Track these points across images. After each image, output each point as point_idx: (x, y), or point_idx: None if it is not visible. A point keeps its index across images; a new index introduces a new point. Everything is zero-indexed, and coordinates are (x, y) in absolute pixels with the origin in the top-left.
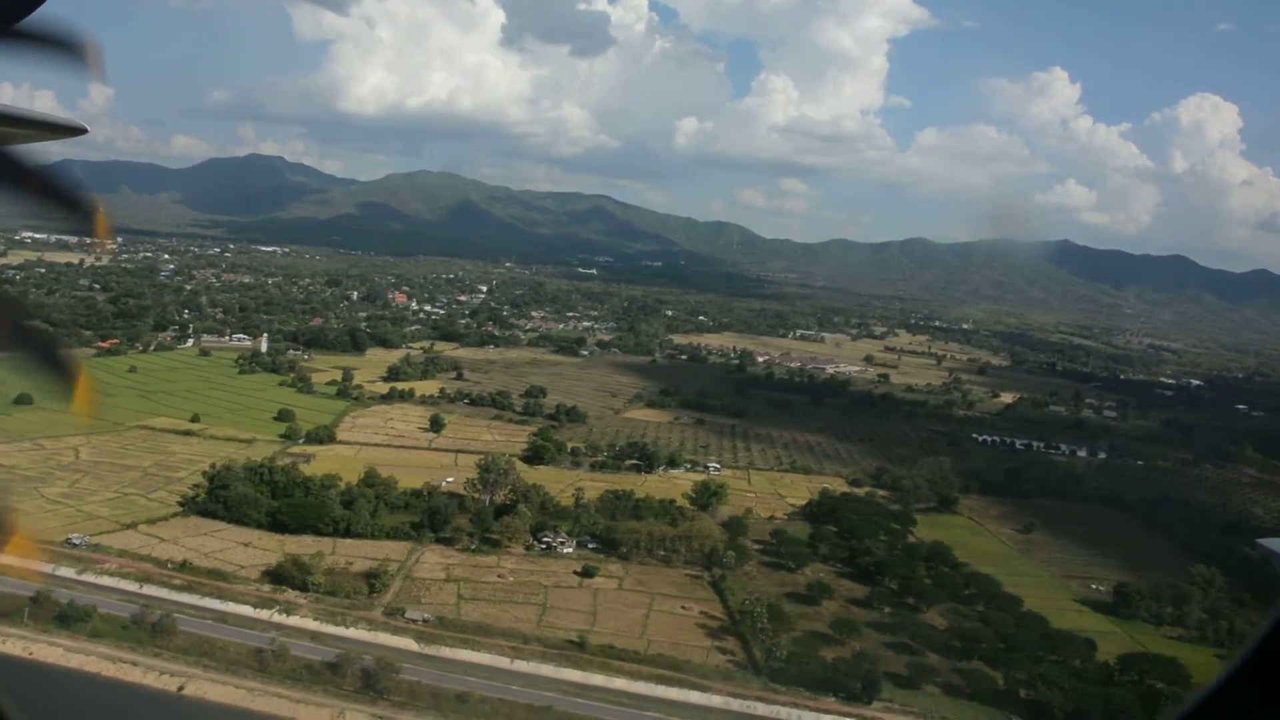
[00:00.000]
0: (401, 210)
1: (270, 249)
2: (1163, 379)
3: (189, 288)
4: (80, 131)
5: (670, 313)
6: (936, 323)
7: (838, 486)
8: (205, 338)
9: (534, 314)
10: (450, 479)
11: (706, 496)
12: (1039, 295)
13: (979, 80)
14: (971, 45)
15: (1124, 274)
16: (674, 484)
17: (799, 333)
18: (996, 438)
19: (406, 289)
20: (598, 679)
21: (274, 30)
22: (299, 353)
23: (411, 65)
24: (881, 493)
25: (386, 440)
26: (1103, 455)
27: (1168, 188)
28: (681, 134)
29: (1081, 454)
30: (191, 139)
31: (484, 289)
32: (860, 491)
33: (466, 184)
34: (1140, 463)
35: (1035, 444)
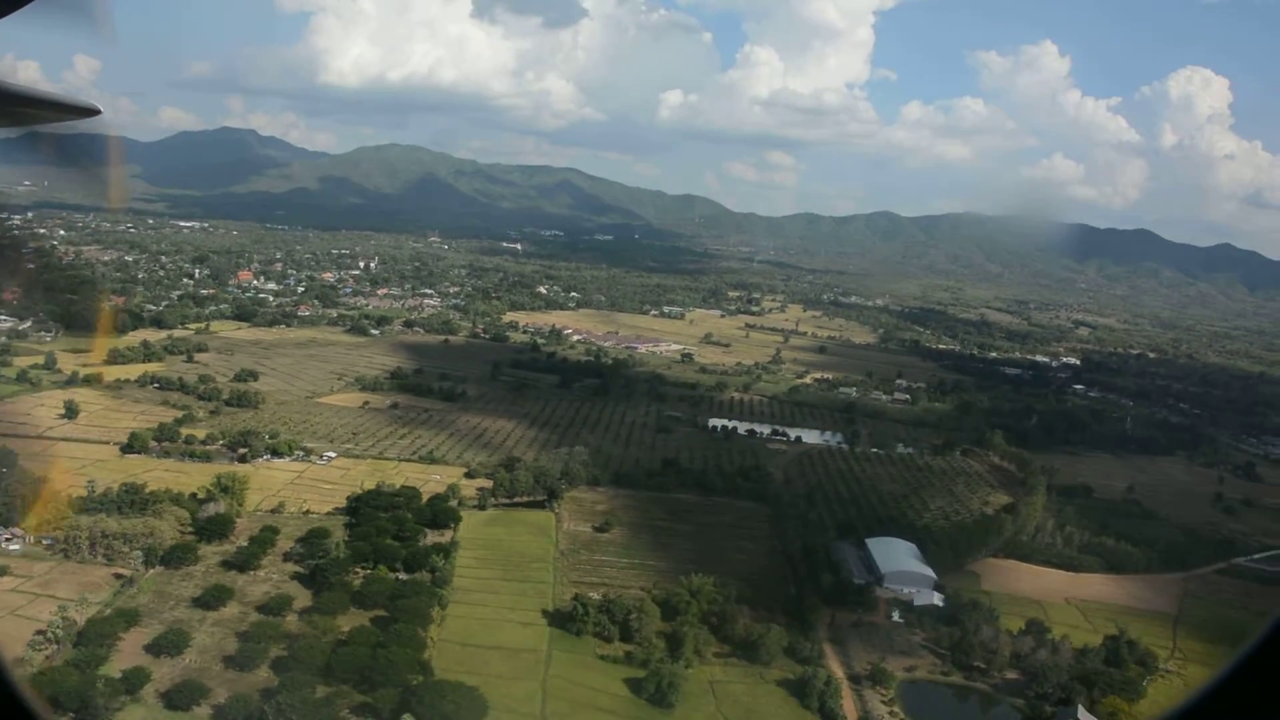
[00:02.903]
0: (362, 184)
1: (189, 224)
2: (1039, 358)
3: None
4: (93, 112)
5: (544, 289)
6: (853, 298)
7: (452, 478)
8: None
9: (380, 291)
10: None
11: (218, 490)
12: (995, 269)
13: (966, 53)
14: (959, 18)
15: (1088, 248)
16: (264, 475)
17: (664, 310)
18: (726, 424)
19: (279, 264)
20: None
21: (255, 1)
22: (44, 334)
23: (392, 37)
24: (485, 484)
25: (4, 430)
26: (850, 444)
27: (1156, 162)
28: (666, 107)
29: (820, 440)
30: (179, 112)
31: (361, 265)
32: (453, 483)
33: (434, 158)
34: (876, 450)
35: (762, 431)
